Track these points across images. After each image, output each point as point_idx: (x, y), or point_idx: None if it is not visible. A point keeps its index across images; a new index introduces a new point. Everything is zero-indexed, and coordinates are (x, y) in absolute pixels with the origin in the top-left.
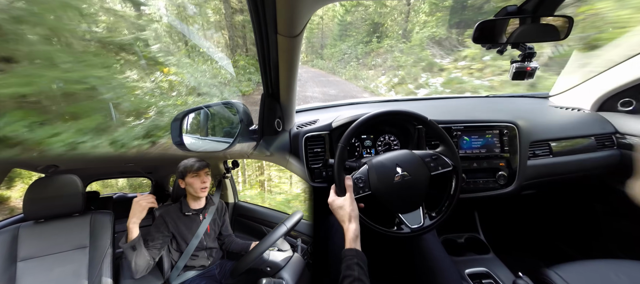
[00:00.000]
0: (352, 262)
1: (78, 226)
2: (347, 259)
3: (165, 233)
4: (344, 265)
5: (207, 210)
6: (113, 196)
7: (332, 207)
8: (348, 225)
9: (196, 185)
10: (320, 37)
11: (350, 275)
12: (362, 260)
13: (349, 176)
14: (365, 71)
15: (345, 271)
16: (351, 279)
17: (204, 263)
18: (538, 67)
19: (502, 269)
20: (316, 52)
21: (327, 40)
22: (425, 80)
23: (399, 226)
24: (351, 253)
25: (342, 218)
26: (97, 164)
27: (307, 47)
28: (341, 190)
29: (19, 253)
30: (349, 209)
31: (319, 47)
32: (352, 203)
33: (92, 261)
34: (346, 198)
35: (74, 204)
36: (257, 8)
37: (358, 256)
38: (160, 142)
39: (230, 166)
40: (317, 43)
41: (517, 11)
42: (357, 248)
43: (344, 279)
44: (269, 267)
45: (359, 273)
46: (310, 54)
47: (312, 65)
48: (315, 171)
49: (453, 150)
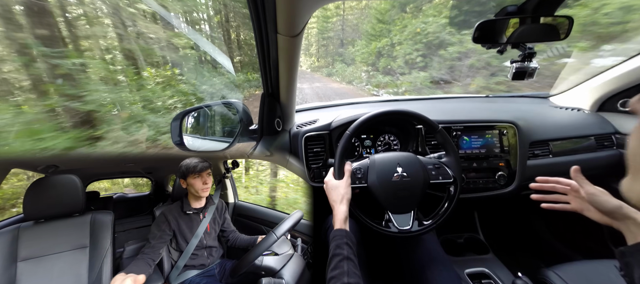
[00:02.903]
0: (341, 242)
1: (78, 226)
2: (336, 239)
3: (166, 231)
4: (333, 245)
5: (207, 209)
6: (113, 196)
7: (327, 186)
8: (339, 206)
9: (198, 185)
10: (342, 29)
11: (340, 253)
12: (351, 240)
13: (349, 162)
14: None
15: (334, 250)
16: (341, 257)
17: (204, 262)
18: (538, 67)
19: (502, 269)
20: (336, 51)
21: (351, 33)
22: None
23: (387, 223)
24: (341, 232)
25: (334, 199)
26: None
27: (318, 45)
28: (339, 174)
29: (19, 253)
30: (343, 191)
31: (339, 43)
32: (347, 187)
33: (92, 261)
34: (342, 181)
35: (74, 204)
36: (257, 8)
37: (347, 236)
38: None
39: (230, 166)
40: (335, 38)
41: (517, 11)
42: (346, 229)
43: (333, 257)
44: (263, 272)
45: (348, 252)
46: (325, 55)
47: (327, 74)
48: (315, 171)
49: (458, 163)
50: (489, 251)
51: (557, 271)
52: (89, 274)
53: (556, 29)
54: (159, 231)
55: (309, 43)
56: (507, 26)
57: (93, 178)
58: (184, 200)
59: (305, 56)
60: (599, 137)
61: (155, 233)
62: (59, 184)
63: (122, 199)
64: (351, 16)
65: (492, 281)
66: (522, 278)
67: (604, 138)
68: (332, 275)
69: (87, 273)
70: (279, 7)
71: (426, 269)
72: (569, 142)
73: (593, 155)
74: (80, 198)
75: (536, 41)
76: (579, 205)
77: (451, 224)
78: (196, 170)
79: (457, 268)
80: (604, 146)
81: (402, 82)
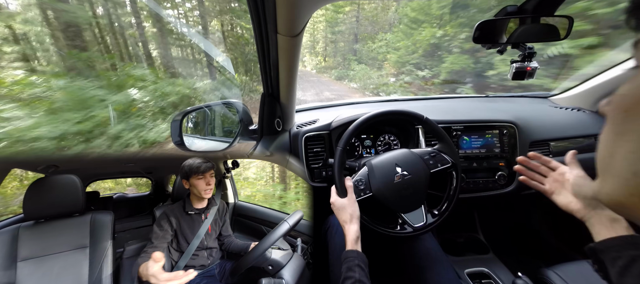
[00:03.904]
0: (353, 264)
1: (78, 226)
2: (348, 261)
3: (168, 231)
4: (345, 267)
5: (209, 210)
6: (113, 196)
7: (334, 208)
8: (349, 226)
9: (201, 186)
10: (357, 23)
11: (352, 277)
12: (363, 262)
13: (349, 177)
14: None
15: (346, 273)
16: (353, 280)
17: (204, 263)
18: (538, 67)
19: (502, 269)
20: (350, 47)
21: (367, 27)
22: None
23: (402, 226)
24: (352, 254)
25: (344, 220)
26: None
27: (326, 41)
28: (342, 192)
29: (19, 253)
30: (351, 210)
31: (353, 39)
32: (353, 204)
33: (92, 261)
34: (347, 199)
35: (74, 204)
36: (257, 8)
37: (359, 257)
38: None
39: (231, 166)
40: (347, 31)
41: (517, 11)
42: (358, 250)
43: (345, 280)
44: (271, 265)
45: (360, 275)
46: (333, 54)
47: (336, 77)
48: (315, 171)
49: (451, 147)
50: (489, 251)
51: (557, 271)
52: (89, 274)
53: (556, 29)
54: (161, 231)
55: (315, 40)
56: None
57: (93, 178)
58: (186, 200)
59: (310, 55)
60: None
61: (157, 232)
62: (59, 184)
63: (122, 199)
64: (369, 5)
65: (492, 281)
66: (522, 278)
67: None
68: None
69: (87, 273)
70: (279, 7)
71: (426, 269)
72: (569, 141)
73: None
74: (80, 198)
75: (536, 41)
76: (551, 187)
77: (451, 224)
78: (200, 170)
79: (457, 268)
80: None
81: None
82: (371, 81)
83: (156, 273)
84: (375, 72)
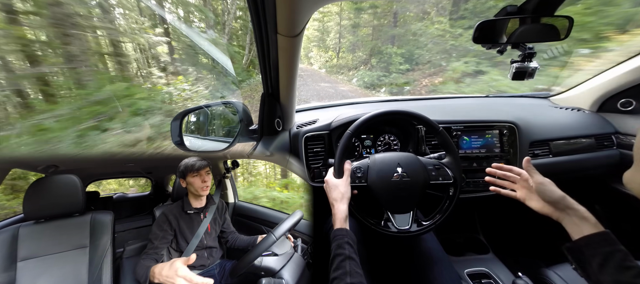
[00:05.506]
0: (343, 241)
1: (78, 226)
2: (337, 238)
3: (168, 231)
4: (335, 244)
5: (208, 209)
6: (113, 196)
7: (327, 185)
8: (338, 205)
9: (197, 184)
10: (394, 18)
11: (342, 253)
12: (352, 239)
13: (349, 161)
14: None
15: (336, 250)
16: (342, 257)
17: (204, 263)
18: (538, 67)
19: (502, 269)
20: (387, 33)
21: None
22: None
23: (386, 223)
24: (342, 232)
25: (335, 197)
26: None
27: (337, 31)
28: (339, 173)
29: (19, 253)
30: (343, 190)
31: (388, 23)
32: (346, 186)
33: (92, 261)
34: (342, 180)
35: (74, 204)
36: (257, 8)
37: (348, 235)
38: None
39: (230, 166)
40: (381, 14)
41: (517, 11)
42: (346, 228)
43: (335, 257)
44: (263, 272)
45: (350, 252)
46: (351, 48)
47: (366, 84)
48: (315, 171)
49: (458, 164)
50: (489, 251)
51: (557, 271)
52: (88, 274)
53: (556, 29)
54: (161, 231)
55: (325, 29)
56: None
57: (93, 178)
58: (184, 200)
59: (318, 50)
60: (599, 137)
61: (157, 233)
62: (59, 184)
63: (122, 199)
64: None
65: (492, 281)
66: (522, 278)
67: (604, 138)
68: (335, 275)
69: (87, 273)
70: (279, 7)
71: (426, 269)
72: (569, 142)
73: (593, 155)
74: (80, 198)
75: (536, 41)
76: (523, 194)
77: (451, 224)
78: (195, 168)
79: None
80: (604, 146)
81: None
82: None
83: (186, 274)
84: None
